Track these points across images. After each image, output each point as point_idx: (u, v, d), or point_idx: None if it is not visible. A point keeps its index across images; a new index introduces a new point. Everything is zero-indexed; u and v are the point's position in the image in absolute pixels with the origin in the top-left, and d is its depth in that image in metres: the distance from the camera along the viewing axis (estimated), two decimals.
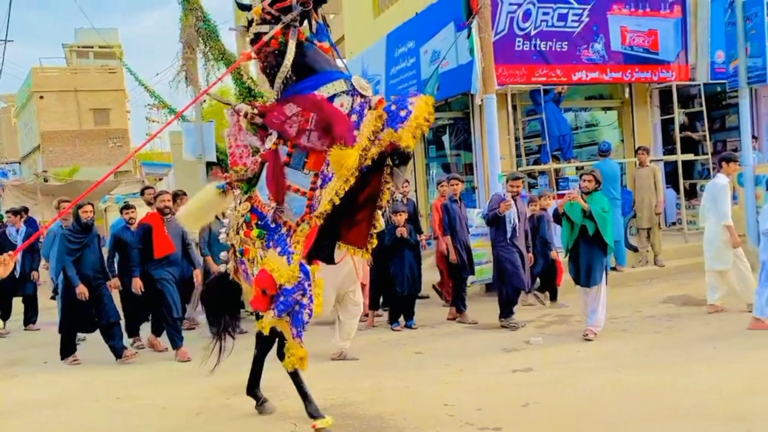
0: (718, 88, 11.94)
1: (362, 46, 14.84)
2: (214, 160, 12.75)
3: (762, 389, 4.97)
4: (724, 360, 5.80)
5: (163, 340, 7.42)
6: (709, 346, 6.27)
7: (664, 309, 8.01)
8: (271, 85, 4.53)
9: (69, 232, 7.15)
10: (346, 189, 4.12)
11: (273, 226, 4.34)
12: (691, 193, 12.44)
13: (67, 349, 7.26)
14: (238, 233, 4.54)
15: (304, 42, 4.45)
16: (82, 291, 6.86)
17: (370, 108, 4.19)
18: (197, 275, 7.61)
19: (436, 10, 10.96)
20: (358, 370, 6.15)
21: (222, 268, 4.87)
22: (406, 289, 7.86)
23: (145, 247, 7.22)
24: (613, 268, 9.33)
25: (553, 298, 8.72)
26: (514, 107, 11.02)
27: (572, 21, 10.21)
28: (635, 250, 10.11)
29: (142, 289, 7.21)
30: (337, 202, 4.14)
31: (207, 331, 7.97)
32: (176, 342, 7.14)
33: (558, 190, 10.47)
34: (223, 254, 4.86)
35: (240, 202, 4.60)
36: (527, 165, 10.95)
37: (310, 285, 4.25)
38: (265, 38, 4.33)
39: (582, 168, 10.65)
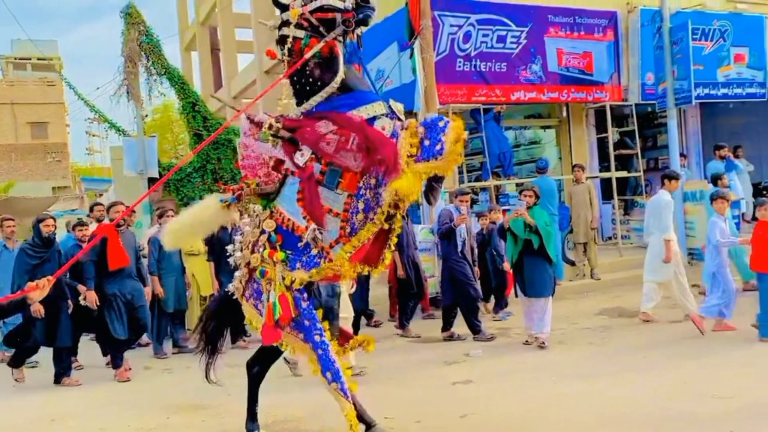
0: (649, 108, 12.52)
1: None
2: (156, 176, 12.56)
3: (686, 395, 5.25)
4: (653, 368, 6.07)
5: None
6: (640, 355, 6.56)
7: (599, 321, 8.31)
8: (298, 94, 4.33)
9: (28, 246, 6.86)
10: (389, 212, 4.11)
11: (300, 246, 4.17)
12: (626, 209, 12.98)
13: (19, 359, 7.01)
14: (255, 252, 4.31)
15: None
16: (37, 309, 6.41)
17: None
18: (147, 293, 7.43)
19: (380, 29, 11.14)
20: (300, 385, 6.16)
21: (230, 288, 4.61)
22: (358, 305, 7.93)
23: (100, 260, 6.92)
24: None
25: (502, 306, 8.90)
26: None
27: (511, 43, 10.57)
28: (572, 264, 10.47)
29: (98, 303, 6.89)
30: (386, 226, 4.16)
31: (151, 350, 7.94)
32: (116, 362, 7.00)
33: (499, 206, 10.74)
34: (237, 273, 4.56)
35: (263, 219, 4.33)
36: (468, 182, 11.20)
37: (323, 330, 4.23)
38: (309, 53, 4.16)
39: (522, 184, 11.00)
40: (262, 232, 4.29)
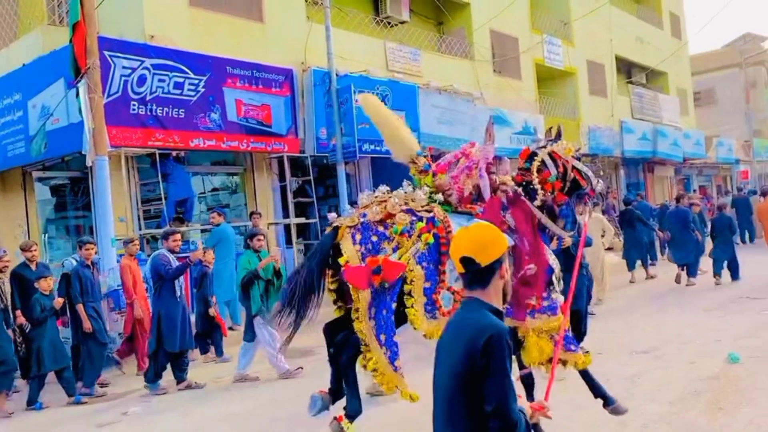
0: (325, 161, 13.54)
1: None
2: None
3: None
4: None
5: None
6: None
7: (297, 362, 8.48)
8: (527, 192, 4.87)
9: None
10: None
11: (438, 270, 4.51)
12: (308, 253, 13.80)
13: None
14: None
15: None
16: None
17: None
18: None
19: (45, 63, 10.29)
20: None
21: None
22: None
23: None
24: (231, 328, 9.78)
25: (220, 353, 8.94)
26: (138, 169, 10.90)
27: (189, 90, 10.58)
28: None
29: None
30: None
31: None
32: None
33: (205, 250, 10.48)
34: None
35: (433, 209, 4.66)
36: (146, 228, 10.80)
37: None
38: (585, 219, 5.52)
39: (206, 231, 10.99)
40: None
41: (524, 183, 4.90)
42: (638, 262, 13.61)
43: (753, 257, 13.40)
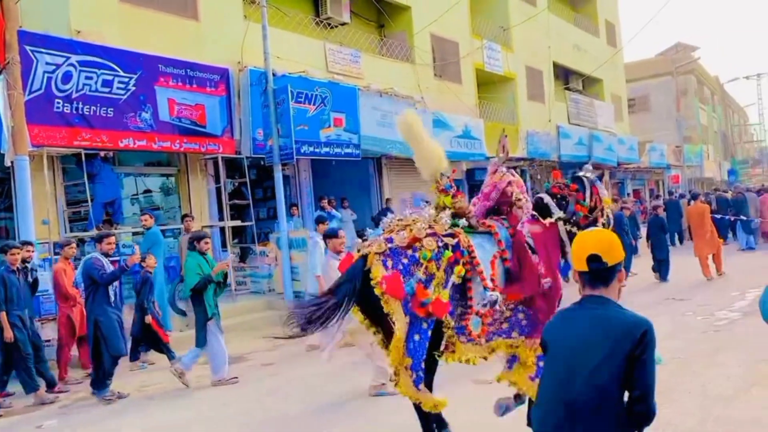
0: (262, 162, 13.32)
1: None
2: None
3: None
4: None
5: None
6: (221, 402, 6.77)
7: (202, 370, 8.32)
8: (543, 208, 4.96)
9: None
10: None
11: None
12: (243, 257, 13.52)
13: None
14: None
15: None
16: None
17: None
18: None
19: None
20: None
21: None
22: None
23: None
24: None
25: (172, 356, 8.47)
26: (63, 170, 10.45)
27: (118, 88, 10.18)
28: (184, 314, 10.37)
29: None
30: None
31: None
32: None
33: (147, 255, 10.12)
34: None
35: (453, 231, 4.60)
36: (74, 231, 10.37)
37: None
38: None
39: (137, 233, 10.62)
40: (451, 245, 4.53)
41: (559, 196, 5.09)
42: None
43: (681, 259, 13.89)
